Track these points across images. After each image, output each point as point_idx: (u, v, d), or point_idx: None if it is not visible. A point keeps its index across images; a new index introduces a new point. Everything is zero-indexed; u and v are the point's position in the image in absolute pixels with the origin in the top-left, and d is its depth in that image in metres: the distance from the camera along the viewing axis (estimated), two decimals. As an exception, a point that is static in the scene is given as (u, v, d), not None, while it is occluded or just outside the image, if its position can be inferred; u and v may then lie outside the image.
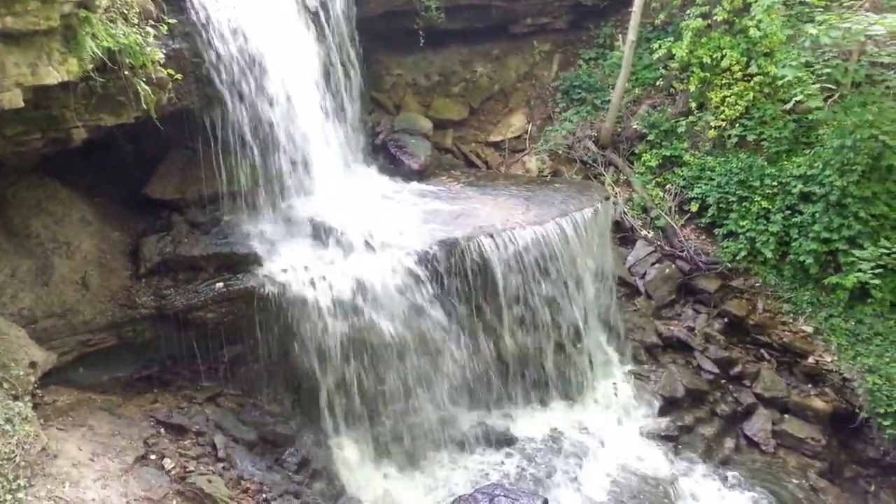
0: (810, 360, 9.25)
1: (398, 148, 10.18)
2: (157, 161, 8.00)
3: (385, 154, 10.20)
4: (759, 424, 9.02)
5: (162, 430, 6.51)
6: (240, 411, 7.13)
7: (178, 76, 6.64)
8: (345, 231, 7.81)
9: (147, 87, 6.18)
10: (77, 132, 6.08)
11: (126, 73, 5.98)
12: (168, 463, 6.12)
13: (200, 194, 7.76)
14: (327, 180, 8.69)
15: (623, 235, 10.88)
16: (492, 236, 8.26)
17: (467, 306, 8.10)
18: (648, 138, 11.38)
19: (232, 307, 7.13)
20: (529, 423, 8.65)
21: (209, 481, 6.02)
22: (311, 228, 7.91)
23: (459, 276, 7.94)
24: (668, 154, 11.15)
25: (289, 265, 7.37)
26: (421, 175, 10.03)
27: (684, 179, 10.87)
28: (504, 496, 7.01)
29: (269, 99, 7.75)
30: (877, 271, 8.88)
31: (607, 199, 9.96)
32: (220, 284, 7.12)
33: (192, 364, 7.20)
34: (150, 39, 6.20)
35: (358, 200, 8.72)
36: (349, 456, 7.42)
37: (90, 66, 5.66)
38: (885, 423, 8.40)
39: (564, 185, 10.39)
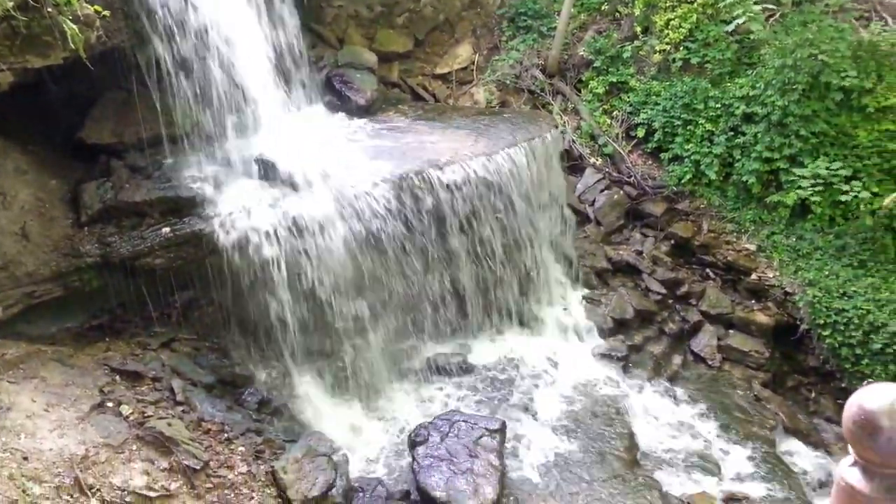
0: (753, 276, 9.58)
1: (343, 83, 9.96)
2: (91, 104, 7.70)
3: (330, 90, 9.97)
4: (706, 340, 9.39)
5: (117, 378, 6.46)
6: (196, 355, 7.11)
7: (106, 13, 6.33)
8: (292, 169, 7.67)
9: (73, 26, 5.89)
10: (3, 76, 5.80)
11: (50, 10, 5.70)
12: (125, 409, 6.10)
13: (139, 137, 7.50)
14: (271, 118, 8.48)
15: (572, 164, 10.95)
16: (441, 169, 8.25)
17: (419, 239, 8.13)
18: (595, 65, 11.35)
19: (180, 252, 7.02)
20: (486, 352, 8.84)
21: (169, 425, 6.04)
22: (257, 168, 7.75)
23: (410, 210, 7.94)
24: (614, 80, 11.16)
25: (236, 206, 7.24)
26: (368, 110, 9.87)
27: (631, 105, 10.93)
28: (464, 421, 7.25)
29: (204, 35, 7.47)
30: (816, 188, 9.17)
31: (556, 127, 9.99)
32: (167, 229, 6.99)
33: (143, 311, 7.11)
34: (73, -26, 5.89)
35: (304, 138, 8.56)
36: (309, 392, 7.51)
37: (10, 4, 5.38)
38: (825, 333, 8.79)
39: (513, 115, 10.36)
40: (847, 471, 1.23)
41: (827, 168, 9.15)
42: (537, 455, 7.47)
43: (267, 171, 7.75)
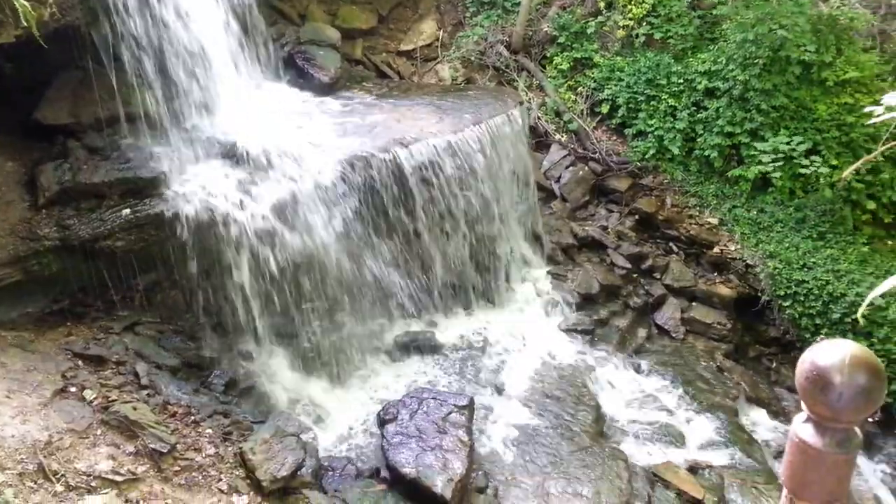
0: (715, 249, 9.75)
1: (306, 60, 9.81)
2: (47, 84, 7.50)
3: (292, 67, 9.81)
4: (669, 313, 9.55)
5: (80, 363, 6.37)
6: (160, 338, 7.02)
7: (58, -11, 6.16)
8: (255, 148, 7.57)
9: (25, 3, 5.72)
10: (-49, 57, 5.65)
11: (-1, -13, 5.54)
12: (89, 394, 6.02)
13: (97, 117, 7.32)
14: (232, 97, 8.36)
15: (538, 140, 10.99)
16: (407, 147, 8.20)
17: (386, 219, 8.11)
18: (559, 41, 11.36)
19: (141, 234, 6.89)
20: (454, 330, 8.87)
21: (134, 409, 5.97)
22: (218, 148, 7.63)
23: (376, 189, 7.90)
24: (578, 56, 11.19)
25: (198, 187, 7.13)
26: (332, 88, 9.74)
27: (595, 81, 10.97)
28: (432, 398, 7.29)
29: (162, 11, 7.31)
30: (777, 162, 9.32)
31: (521, 104, 9.98)
32: (127, 211, 6.85)
33: (104, 295, 6.99)
34: (22, -52, 5.70)
35: (267, 117, 8.44)
36: (277, 373, 7.47)
37: (-46, -19, 5.22)
38: (785, 304, 9.02)
39: (478, 92, 10.31)
40: (800, 426, 1.27)
41: (787, 142, 9.30)
42: (506, 429, 7.55)
43: (229, 150, 7.63)
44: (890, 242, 9.15)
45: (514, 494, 6.70)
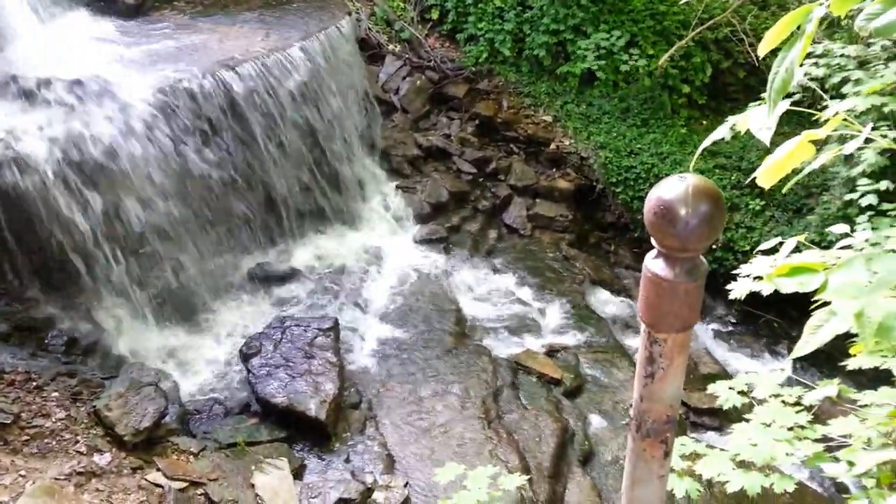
0: (552, 146, 10.12)
1: (104, -19, 8.83)
2: None
3: (90, -9, 8.82)
4: (516, 212, 9.89)
5: None
6: (-19, 305, 6.35)
7: None
8: (60, 84, 6.79)
9: None
10: None
11: None
12: None
13: None
14: (26, 29, 7.43)
15: (371, 53, 10.71)
16: (234, 69, 7.71)
17: (219, 148, 7.66)
18: (379, -55, 10.97)
19: (-63, 193, 6.08)
20: (309, 254, 8.71)
21: (-37, 384, 5.43)
22: (15, 87, 6.75)
23: (203, 117, 7.40)
24: (400, -40, 10.90)
25: (-2, 133, 6.34)
26: (139, 10, 8.89)
27: (421, -14, 10.78)
28: (295, 326, 7.18)
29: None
30: (600, 56, 9.69)
31: (349, 15, 9.63)
32: (-86, 168, 5.99)
33: None
34: None
35: (69, 48, 7.58)
36: (123, 325, 6.99)
37: None
38: (618, 190, 9.59)
39: (303, 4, 9.80)
40: (652, 262, 1.33)
41: (607, 37, 9.66)
42: (373, 345, 7.62)
43: (29, 89, 6.79)
44: (704, 122, 9.91)
45: (387, 404, 6.83)
